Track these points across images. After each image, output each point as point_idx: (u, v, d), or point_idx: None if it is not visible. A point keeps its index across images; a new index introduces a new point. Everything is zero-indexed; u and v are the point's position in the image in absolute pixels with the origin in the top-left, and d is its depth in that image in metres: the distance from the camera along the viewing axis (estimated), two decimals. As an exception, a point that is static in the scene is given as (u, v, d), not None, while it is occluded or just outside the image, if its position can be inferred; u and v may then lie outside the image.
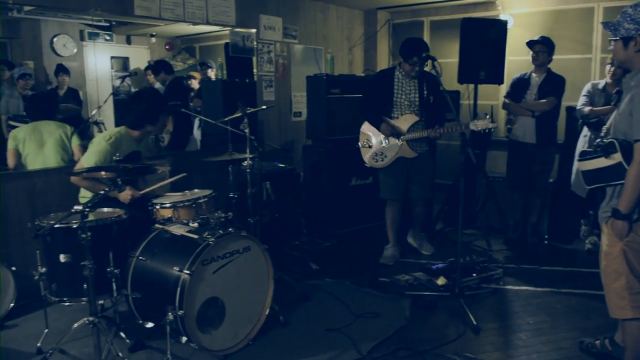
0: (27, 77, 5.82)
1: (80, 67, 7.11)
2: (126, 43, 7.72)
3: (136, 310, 3.09)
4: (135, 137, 3.66)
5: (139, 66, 7.57)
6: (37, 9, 4.32)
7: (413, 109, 4.31)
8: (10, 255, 3.74)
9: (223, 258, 2.95)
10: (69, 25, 6.90)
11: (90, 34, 7.15)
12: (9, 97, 5.69)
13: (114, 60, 7.59)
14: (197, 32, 6.99)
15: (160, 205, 3.31)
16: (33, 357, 3.08)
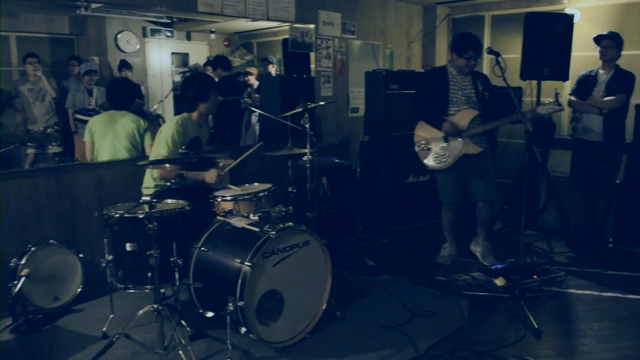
0: (93, 73, 6.05)
1: (142, 62, 7.33)
2: (186, 39, 7.92)
3: (197, 300, 3.16)
4: (196, 121, 3.76)
5: (198, 62, 7.74)
6: (104, 6, 4.46)
7: (470, 104, 4.22)
8: (78, 243, 3.90)
9: (283, 251, 2.99)
10: (132, 22, 7.13)
11: (153, 30, 7.37)
12: (75, 91, 5.94)
13: (175, 56, 7.79)
14: (255, 28, 7.08)
15: (221, 198, 3.37)
16: (99, 340, 3.21)
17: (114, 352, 2.95)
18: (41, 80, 5.65)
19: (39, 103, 5.72)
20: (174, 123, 3.65)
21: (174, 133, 3.59)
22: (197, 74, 4.43)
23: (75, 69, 6.09)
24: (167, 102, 6.72)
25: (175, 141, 3.56)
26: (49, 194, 3.83)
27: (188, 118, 3.75)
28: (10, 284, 3.35)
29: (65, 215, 3.92)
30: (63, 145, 5.60)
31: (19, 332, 3.35)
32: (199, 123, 3.80)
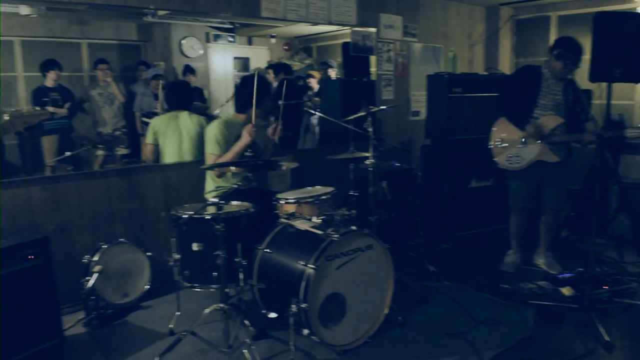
0: (160, 77, 6.24)
1: (205, 67, 7.54)
2: (247, 44, 8.08)
3: (261, 301, 3.21)
4: (242, 121, 3.79)
5: (259, 66, 7.88)
6: (170, 13, 4.60)
7: (557, 111, 4.05)
8: (145, 242, 4.05)
9: (346, 255, 2.99)
10: (196, 28, 7.34)
11: (215, 36, 7.56)
12: (142, 95, 6.15)
13: (236, 61, 7.98)
14: (315, 32, 7.15)
15: (284, 201, 3.40)
16: (165, 337, 3.30)
17: (180, 348, 3.04)
18: (110, 85, 5.89)
19: (108, 107, 5.97)
20: (218, 123, 3.71)
21: (218, 132, 3.64)
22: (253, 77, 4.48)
23: (144, 73, 6.31)
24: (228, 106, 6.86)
25: (222, 139, 3.62)
26: (120, 194, 3.99)
27: (233, 118, 3.80)
28: (83, 279, 3.50)
29: (134, 215, 4.07)
30: (130, 147, 5.81)
31: (91, 325, 3.50)
32: (246, 123, 3.84)
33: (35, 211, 3.63)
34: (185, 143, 4.29)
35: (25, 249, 2.96)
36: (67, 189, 3.75)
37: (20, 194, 3.57)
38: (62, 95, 5.66)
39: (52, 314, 3.11)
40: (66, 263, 3.55)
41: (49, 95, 5.60)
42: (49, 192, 3.67)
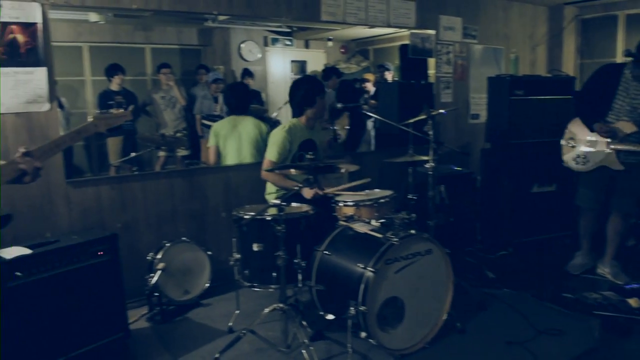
0: (219, 81, 6.39)
1: (263, 70, 7.67)
2: (304, 47, 8.16)
3: (318, 302, 3.23)
4: (305, 124, 3.84)
5: (316, 69, 7.94)
6: (230, 18, 4.70)
7: (633, 116, 3.87)
8: (206, 241, 4.15)
9: (405, 259, 2.97)
10: (254, 32, 7.49)
11: (273, 39, 7.68)
12: (203, 98, 6.31)
13: (293, 64, 8.07)
14: (372, 35, 7.15)
15: (343, 203, 3.41)
16: (224, 334, 3.38)
17: (239, 346, 3.09)
18: (173, 88, 6.08)
19: (170, 109, 6.15)
20: (281, 130, 3.75)
21: (280, 140, 3.69)
22: (305, 79, 4.51)
23: (204, 77, 6.48)
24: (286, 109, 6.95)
25: (281, 148, 3.67)
26: (183, 195, 4.11)
27: (297, 123, 3.83)
28: (147, 276, 3.63)
29: (196, 215, 4.18)
30: (190, 148, 5.97)
31: (154, 320, 3.62)
32: (309, 126, 3.87)
33: (104, 209, 3.78)
34: (245, 146, 4.38)
35: (96, 245, 3.08)
36: (133, 188, 3.90)
37: (90, 193, 3.73)
38: (126, 98, 5.88)
39: (119, 309, 3.22)
40: (131, 260, 3.67)
41: (114, 98, 5.83)
42: (116, 192, 3.82)
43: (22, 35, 3.40)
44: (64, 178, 3.62)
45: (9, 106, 3.38)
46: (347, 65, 8.13)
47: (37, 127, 3.50)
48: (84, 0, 3.58)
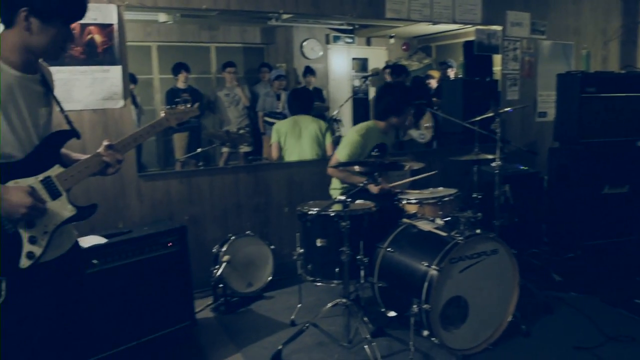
0: (282, 78, 6.49)
1: (324, 68, 7.70)
2: (366, 45, 8.14)
3: (380, 299, 3.23)
4: (382, 129, 3.84)
5: (377, 66, 7.91)
6: (294, 16, 4.75)
7: None
8: (269, 235, 4.23)
9: (470, 258, 2.93)
10: (316, 30, 7.53)
11: (335, 37, 7.71)
12: (265, 95, 6.42)
13: (354, 62, 8.07)
14: (435, 31, 7.04)
15: (406, 201, 3.40)
16: (287, 327, 3.44)
17: (302, 339, 3.14)
18: (237, 86, 6.22)
19: (234, 107, 6.30)
20: (356, 133, 3.75)
21: (353, 142, 3.69)
22: (397, 86, 4.49)
23: (266, 75, 6.59)
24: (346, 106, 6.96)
25: (352, 151, 3.66)
26: (247, 189, 4.20)
27: (373, 126, 3.83)
28: (213, 267, 3.74)
29: (260, 209, 4.27)
30: (252, 145, 6.09)
31: (218, 311, 3.73)
32: (384, 130, 3.87)
33: (173, 202, 3.92)
34: (305, 143, 4.45)
35: (166, 236, 3.21)
36: (200, 183, 4.03)
37: (160, 187, 3.88)
38: (192, 95, 6.05)
39: (186, 298, 3.34)
40: (197, 251, 3.78)
41: (181, 95, 6.01)
42: (184, 186, 3.96)
43: (100, 36, 3.58)
44: (136, 172, 3.78)
45: (86, 103, 3.56)
46: (409, 62, 8.06)
47: (112, 122, 3.67)
48: (157, 1, 3.72)
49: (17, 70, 1.75)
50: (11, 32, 1.73)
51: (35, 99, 1.83)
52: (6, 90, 1.71)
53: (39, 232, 1.75)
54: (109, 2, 3.54)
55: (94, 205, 1.90)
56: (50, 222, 1.78)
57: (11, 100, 1.73)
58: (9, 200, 1.65)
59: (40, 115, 1.85)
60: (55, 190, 1.80)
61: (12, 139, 1.74)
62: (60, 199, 1.81)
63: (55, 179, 1.81)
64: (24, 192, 1.68)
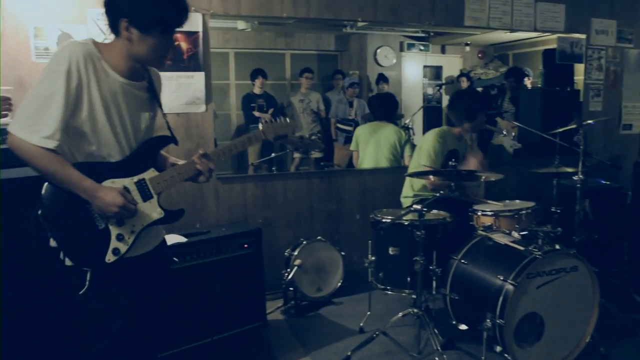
0: (355, 85, 6.53)
1: (397, 75, 7.70)
2: (441, 52, 8.06)
3: (452, 311, 3.18)
4: (456, 135, 3.81)
5: (451, 74, 7.82)
6: (368, 24, 4.77)
7: None
8: (340, 241, 4.27)
9: (549, 274, 2.84)
10: (390, 38, 7.53)
11: (409, 45, 7.68)
12: (338, 102, 6.48)
13: (427, 69, 8.00)
14: (512, 39, 6.88)
15: (481, 212, 3.34)
16: (355, 334, 3.46)
17: (371, 347, 3.15)
18: (311, 92, 6.32)
19: (307, 113, 6.40)
20: (434, 135, 3.75)
21: (435, 145, 3.69)
22: (470, 92, 4.47)
23: (340, 82, 6.66)
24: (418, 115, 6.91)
25: (437, 153, 3.66)
26: (320, 195, 4.26)
27: (448, 131, 3.81)
28: (284, 271, 3.81)
29: (332, 215, 4.31)
30: (324, 151, 6.16)
31: (288, 314, 3.80)
32: (458, 136, 3.84)
33: (248, 205, 4.03)
34: (383, 151, 4.47)
35: (242, 238, 3.31)
36: (275, 187, 4.12)
37: (236, 189, 4.00)
38: (267, 101, 6.22)
39: (259, 299, 3.43)
40: (269, 254, 3.86)
41: (256, 101, 6.19)
42: (260, 189, 4.06)
43: (185, 43, 3.74)
44: (214, 174, 3.91)
45: (171, 107, 3.72)
46: (485, 70, 7.91)
47: (194, 126, 3.82)
48: (240, 10, 3.85)
49: (123, 77, 1.88)
50: (118, 42, 1.86)
51: (138, 104, 1.95)
52: (111, 95, 1.84)
53: (127, 231, 1.86)
54: (194, 11, 3.70)
55: (181, 210, 2.00)
56: (139, 223, 1.89)
57: (115, 104, 1.86)
58: (103, 199, 1.77)
59: (142, 120, 1.97)
60: (147, 192, 1.91)
61: (113, 141, 1.86)
62: (150, 202, 1.91)
63: (148, 182, 1.91)
64: (117, 192, 1.80)
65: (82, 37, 3.36)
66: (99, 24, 3.50)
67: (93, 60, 1.80)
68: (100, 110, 1.81)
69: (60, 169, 1.73)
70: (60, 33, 3.44)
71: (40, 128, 1.70)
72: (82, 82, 1.76)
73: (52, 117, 1.71)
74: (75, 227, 1.81)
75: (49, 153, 1.71)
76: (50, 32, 3.42)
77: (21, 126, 1.70)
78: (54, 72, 1.72)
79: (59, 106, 1.71)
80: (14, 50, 3.35)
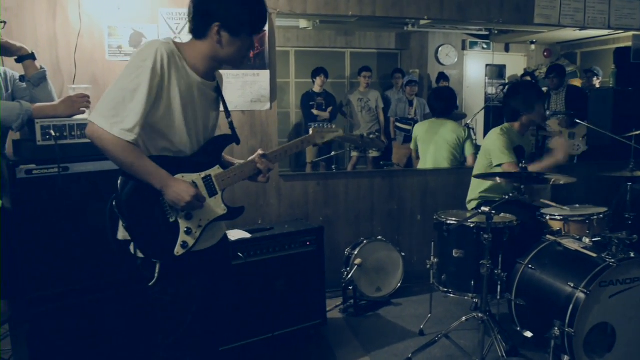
0: (413, 84, 6.46)
1: (459, 74, 7.55)
2: (504, 51, 7.84)
3: (516, 317, 3.10)
4: (518, 131, 3.68)
5: (515, 73, 7.60)
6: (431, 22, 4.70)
7: None
8: (400, 242, 4.24)
9: (623, 283, 2.72)
10: (452, 36, 7.40)
11: (472, 43, 7.52)
12: (398, 101, 6.43)
13: (489, 68, 7.81)
14: (581, 37, 6.62)
15: (549, 217, 3.24)
16: (415, 336, 3.42)
17: (432, 350, 3.12)
18: (370, 91, 6.31)
19: (365, 112, 6.39)
20: (498, 132, 3.63)
21: (504, 141, 3.55)
22: (525, 83, 4.34)
23: (399, 81, 6.60)
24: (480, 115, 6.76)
25: (510, 148, 3.54)
26: (381, 195, 4.24)
27: (510, 128, 3.69)
28: (344, 269, 3.82)
29: (392, 215, 4.28)
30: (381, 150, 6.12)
31: (347, 312, 3.79)
32: (521, 132, 3.72)
33: (309, 203, 4.06)
34: (443, 150, 4.37)
35: (305, 235, 3.33)
36: (335, 185, 4.13)
37: (298, 187, 4.04)
38: (326, 99, 6.24)
39: (319, 297, 3.43)
40: (329, 252, 3.87)
41: (315, 99, 6.23)
42: (321, 187, 4.08)
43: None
44: (277, 172, 3.97)
45: (236, 104, 3.79)
46: (551, 70, 7.64)
47: (259, 124, 3.88)
48: (306, 8, 3.87)
49: (200, 77, 1.94)
50: (202, 43, 1.91)
51: (209, 103, 2.02)
52: (188, 93, 1.90)
53: (194, 225, 1.92)
54: (262, 10, 3.75)
55: (242, 207, 2.08)
56: (205, 217, 1.95)
57: (191, 102, 1.92)
58: (176, 190, 1.82)
59: (211, 119, 2.05)
60: (213, 188, 1.97)
61: (185, 138, 1.93)
62: (215, 197, 1.97)
63: (214, 178, 1.98)
64: (188, 185, 1.86)
65: (153, 36, 3.54)
66: (169, 23, 3.61)
67: (175, 59, 1.86)
68: (177, 108, 1.87)
69: (137, 160, 1.80)
70: (132, 32, 3.57)
71: (121, 120, 1.76)
72: (165, 79, 1.82)
73: (134, 111, 1.77)
74: (147, 218, 1.88)
75: (128, 144, 1.78)
76: (123, 31, 3.55)
77: (103, 117, 1.77)
78: (139, 67, 1.79)
79: (141, 101, 1.77)
80: (89, 49, 3.49)
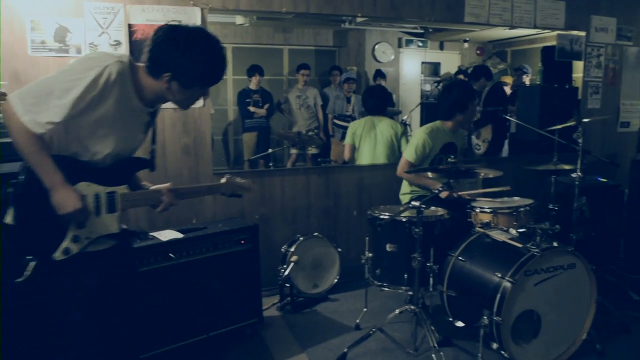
0: (351, 81, 6.51)
1: (395, 72, 7.67)
2: (439, 49, 8.03)
3: (448, 308, 3.18)
4: (450, 129, 3.78)
5: (449, 71, 7.79)
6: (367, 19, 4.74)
7: None
8: (336, 238, 4.26)
9: (546, 272, 2.84)
10: (389, 34, 7.51)
11: (407, 41, 7.65)
12: (335, 98, 6.46)
13: (425, 66, 7.97)
14: (511, 36, 6.86)
15: (479, 209, 3.33)
16: (351, 330, 3.45)
17: (367, 344, 3.14)
18: (308, 88, 6.30)
19: (304, 109, 6.37)
20: (423, 132, 3.72)
21: (420, 142, 3.66)
22: (459, 83, 4.43)
23: (337, 78, 6.63)
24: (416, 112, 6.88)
25: (420, 150, 3.64)
26: (317, 191, 4.24)
27: (440, 127, 3.78)
28: (280, 267, 3.79)
29: (329, 211, 4.30)
30: (320, 147, 6.14)
31: (284, 310, 3.78)
32: (453, 130, 3.81)
33: (244, 201, 4.00)
34: (380, 146, 4.42)
35: (239, 234, 3.29)
36: (272, 183, 4.10)
37: (233, 184, 3.97)
38: (262, 96, 6.19)
39: (255, 296, 3.41)
40: (266, 250, 3.84)
41: (252, 96, 6.17)
42: (257, 185, 4.03)
43: (183, 37, 3.70)
44: (211, 169, 3.90)
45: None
46: (483, 67, 7.87)
47: (192, 121, 3.80)
48: (239, 4, 3.82)
49: (141, 103, 1.94)
50: (153, 81, 1.90)
51: (140, 125, 2.02)
52: (123, 112, 1.89)
53: (83, 235, 1.88)
54: (193, 5, 3.67)
55: (136, 234, 2.06)
56: (96, 231, 1.92)
57: (122, 121, 1.90)
58: (63, 197, 1.79)
59: (137, 140, 2.04)
60: (113, 205, 1.96)
61: (107, 150, 1.91)
62: (113, 215, 1.96)
63: (118, 196, 1.97)
64: (76, 197, 1.82)
65: (79, 32, 3.39)
66: (97, 17, 3.48)
67: (124, 80, 1.84)
68: (107, 122, 1.86)
69: (37, 153, 1.76)
70: (57, 27, 3.41)
71: (38, 111, 1.72)
72: (103, 95, 1.80)
73: (55, 110, 1.73)
74: (39, 209, 1.81)
75: (32, 135, 1.73)
76: (47, 25, 3.39)
77: (21, 101, 1.72)
78: (81, 73, 1.76)
79: (67, 104, 1.74)
80: (9, 43, 3.32)
